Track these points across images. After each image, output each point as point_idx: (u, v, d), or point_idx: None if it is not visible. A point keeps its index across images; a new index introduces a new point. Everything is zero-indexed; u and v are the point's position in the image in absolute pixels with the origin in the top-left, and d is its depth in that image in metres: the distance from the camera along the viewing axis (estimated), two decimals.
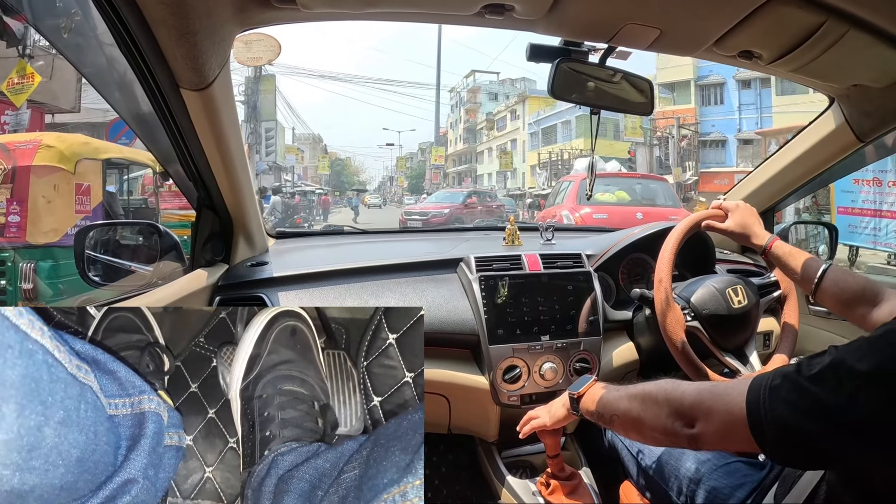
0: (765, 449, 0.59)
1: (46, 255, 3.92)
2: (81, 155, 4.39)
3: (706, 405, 0.65)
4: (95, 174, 4.54)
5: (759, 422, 0.58)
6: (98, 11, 0.74)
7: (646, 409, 0.73)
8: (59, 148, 4.22)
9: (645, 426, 0.73)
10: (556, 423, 0.98)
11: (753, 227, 1.15)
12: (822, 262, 1.04)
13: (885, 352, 0.54)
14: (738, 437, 0.61)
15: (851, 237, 7.51)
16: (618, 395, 0.80)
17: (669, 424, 0.68)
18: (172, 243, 1.16)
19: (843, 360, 0.55)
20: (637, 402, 0.75)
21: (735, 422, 0.61)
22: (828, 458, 0.58)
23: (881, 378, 0.52)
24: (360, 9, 0.89)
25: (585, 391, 0.89)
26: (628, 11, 0.86)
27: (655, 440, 0.74)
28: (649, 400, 0.73)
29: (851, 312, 0.99)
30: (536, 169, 28.24)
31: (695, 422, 0.65)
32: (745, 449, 0.63)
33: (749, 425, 0.59)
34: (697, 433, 0.65)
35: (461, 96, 44.01)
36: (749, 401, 0.60)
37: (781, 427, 0.57)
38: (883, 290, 0.95)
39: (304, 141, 38.72)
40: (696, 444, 0.67)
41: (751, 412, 0.59)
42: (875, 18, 0.84)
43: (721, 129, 21.55)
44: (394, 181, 55.59)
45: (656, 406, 0.71)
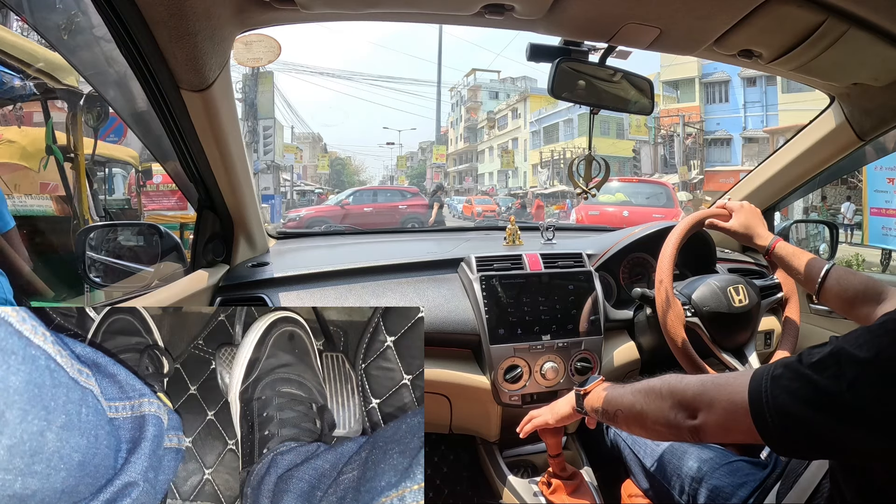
0: (766, 438, 0.59)
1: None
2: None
3: (709, 395, 0.65)
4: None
5: (761, 410, 0.59)
6: (98, 13, 0.75)
7: (649, 402, 0.73)
8: (21, 143, 3.83)
9: (648, 419, 0.74)
10: (559, 420, 0.99)
11: (757, 228, 1.15)
12: (825, 263, 1.04)
13: (884, 339, 0.54)
14: (740, 427, 0.61)
15: (885, 240, 7.20)
16: (622, 391, 0.81)
17: (672, 416, 0.69)
18: (173, 244, 1.16)
19: (844, 349, 0.56)
20: (641, 395, 0.76)
21: (737, 411, 0.61)
22: (829, 447, 0.58)
23: (881, 364, 0.53)
24: (359, 9, 0.89)
25: (592, 388, 0.89)
26: (628, 11, 0.86)
27: (658, 433, 0.74)
28: (653, 393, 0.73)
29: (855, 311, 0.99)
30: (538, 168, 28.23)
31: (697, 413, 0.66)
32: (746, 440, 0.63)
33: (751, 414, 0.60)
34: (699, 424, 0.66)
35: (462, 95, 43.99)
36: (751, 390, 0.60)
37: (783, 415, 0.57)
38: (886, 289, 0.95)
39: (303, 140, 38.74)
40: (698, 435, 0.67)
41: (753, 401, 0.60)
42: (875, 17, 0.84)
43: (726, 128, 21.44)
44: (394, 180, 55.61)
45: (659, 399, 0.72)
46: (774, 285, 1.30)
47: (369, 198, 13.42)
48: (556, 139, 27.87)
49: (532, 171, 29.69)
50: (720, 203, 1.25)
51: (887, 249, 7.42)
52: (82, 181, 3.32)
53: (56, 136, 3.22)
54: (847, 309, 1.01)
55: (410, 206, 12.74)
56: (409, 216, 12.07)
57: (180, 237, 1.85)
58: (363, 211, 12.37)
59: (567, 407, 0.96)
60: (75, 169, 3.30)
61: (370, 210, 12.37)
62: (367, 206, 12.64)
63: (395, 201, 13.20)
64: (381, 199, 13.39)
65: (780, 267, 1.14)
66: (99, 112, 3.49)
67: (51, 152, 3.13)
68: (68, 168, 3.28)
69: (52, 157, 3.20)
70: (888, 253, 7.49)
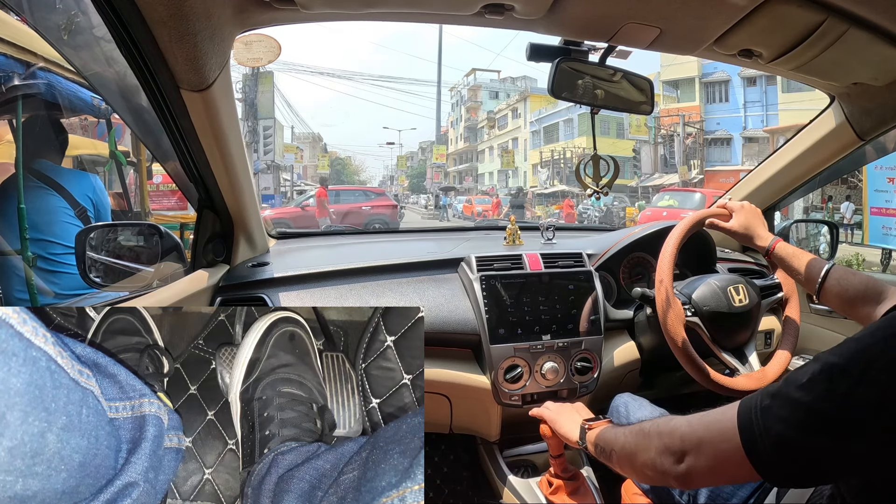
0: (764, 472, 0.56)
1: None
2: None
3: (696, 436, 0.62)
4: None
5: (753, 444, 0.56)
6: (98, 13, 0.75)
7: (638, 443, 0.70)
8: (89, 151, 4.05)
9: (637, 462, 0.71)
10: (558, 434, 0.97)
11: (757, 229, 1.15)
12: (826, 263, 1.03)
13: (874, 347, 0.52)
14: (732, 465, 0.58)
15: (885, 240, 7.13)
16: (618, 431, 0.78)
17: (659, 462, 0.65)
18: (173, 244, 1.16)
19: (831, 363, 0.53)
20: (632, 436, 0.73)
21: (729, 449, 0.58)
22: (833, 470, 0.55)
23: (874, 371, 0.50)
24: (359, 9, 0.89)
25: (596, 426, 0.86)
26: (628, 10, 0.86)
27: (647, 478, 0.71)
28: (642, 434, 0.70)
29: (855, 311, 0.98)
30: (538, 167, 28.23)
31: (685, 456, 0.63)
32: (737, 480, 0.60)
33: (744, 450, 0.56)
34: (687, 469, 0.62)
35: (462, 94, 43.98)
36: (741, 425, 0.57)
37: (779, 446, 0.54)
38: (886, 288, 0.94)
39: (303, 140, 38.70)
40: (686, 481, 0.64)
41: (744, 436, 0.57)
42: (874, 17, 0.84)
43: (726, 127, 21.40)
44: (394, 180, 55.60)
45: (647, 440, 0.69)
46: (774, 285, 1.30)
47: (332, 199, 12.76)
48: (556, 139, 27.86)
49: (532, 171, 29.68)
50: (720, 203, 1.25)
51: (887, 249, 7.37)
52: (143, 180, 3.98)
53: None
54: (847, 309, 1.00)
55: (375, 207, 12.34)
56: (372, 218, 11.73)
57: (180, 237, 1.87)
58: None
59: (572, 434, 0.93)
60: (138, 171, 4.01)
61: (332, 211, 11.82)
62: (330, 208, 12.06)
63: (359, 202, 12.72)
64: (343, 200, 12.84)
65: (781, 268, 1.14)
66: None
67: (114, 157, 3.59)
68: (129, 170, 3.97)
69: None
70: (888, 252, 7.45)
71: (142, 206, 3.94)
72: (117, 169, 3.75)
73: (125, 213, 3.78)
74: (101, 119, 3.35)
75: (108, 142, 3.55)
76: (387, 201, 13.01)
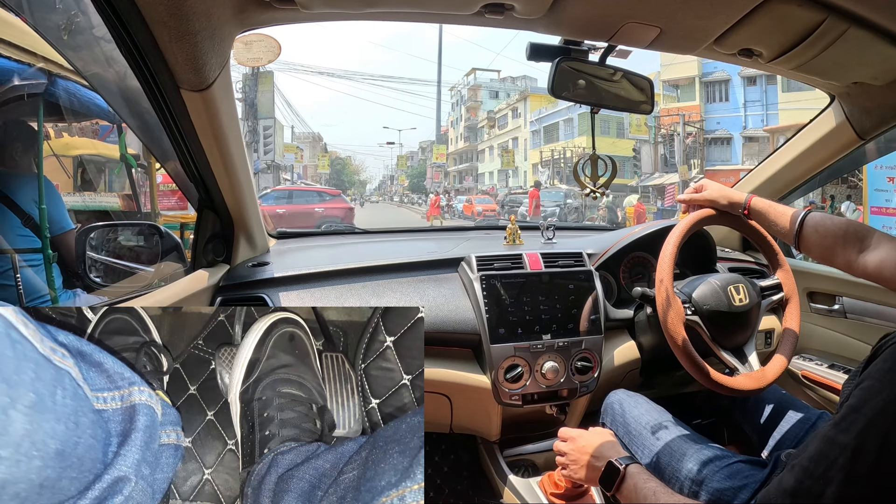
0: None
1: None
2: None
3: None
4: (59, 174, 4.00)
5: None
6: (98, 13, 0.75)
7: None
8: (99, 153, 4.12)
9: None
10: (577, 477, 0.95)
11: (728, 191, 1.14)
12: (802, 211, 1.00)
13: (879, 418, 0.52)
14: None
15: None
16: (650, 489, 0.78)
17: None
18: (173, 244, 1.16)
19: (829, 438, 0.54)
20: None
21: None
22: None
23: (869, 440, 0.51)
24: (359, 9, 0.89)
25: (631, 477, 0.84)
26: (628, 10, 0.86)
27: None
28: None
29: (836, 258, 0.94)
30: (539, 167, 28.21)
31: None
32: None
33: None
34: None
35: (462, 94, 43.95)
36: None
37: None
38: (870, 234, 0.89)
39: (303, 139, 38.73)
40: None
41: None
42: (874, 16, 0.84)
43: (726, 127, 21.37)
44: (394, 180, 55.60)
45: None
46: (775, 285, 1.29)
47: (284, 199, 12.31)
48: (556, 138, 27.84)
49: (532, 171, 29.64)
50: (687, 191, 1.24)
51: None
52: (153, 182, 4.10)
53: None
54: (829, 256, 0.96)
55: (328, 208, 11.91)
56: (324, 220, 11.37)
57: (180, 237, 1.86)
58: (275, 213, 11.16)
59: (594, 470, 0.91)
60: (148, 174, 4.15)
61: (283, 212, 11.24)
62: (279, 209, 11.51)
63: (312, 203, 12.15)
64: (296, 201, 12.30)
65: (759, 223, 1.12)
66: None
67: (125, 160, 3.65)
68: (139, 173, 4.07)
69: (48, 157, 3.62)
70: None
71: (152, 207, 4.03)
72: (127, 171, 3.82)
73: (134, 214, 3.86)
74: (114, 124, 3.42)
75: (119, 145, 3.61)
76: (341, 203, 12.65)
